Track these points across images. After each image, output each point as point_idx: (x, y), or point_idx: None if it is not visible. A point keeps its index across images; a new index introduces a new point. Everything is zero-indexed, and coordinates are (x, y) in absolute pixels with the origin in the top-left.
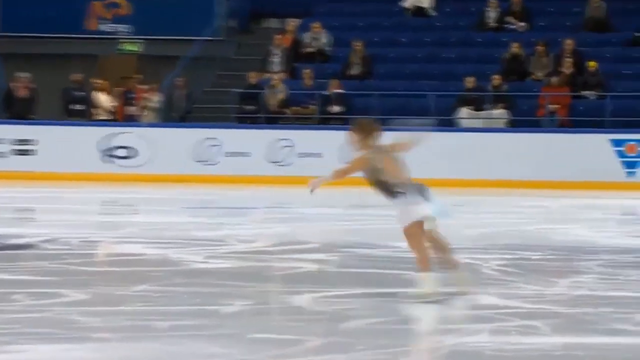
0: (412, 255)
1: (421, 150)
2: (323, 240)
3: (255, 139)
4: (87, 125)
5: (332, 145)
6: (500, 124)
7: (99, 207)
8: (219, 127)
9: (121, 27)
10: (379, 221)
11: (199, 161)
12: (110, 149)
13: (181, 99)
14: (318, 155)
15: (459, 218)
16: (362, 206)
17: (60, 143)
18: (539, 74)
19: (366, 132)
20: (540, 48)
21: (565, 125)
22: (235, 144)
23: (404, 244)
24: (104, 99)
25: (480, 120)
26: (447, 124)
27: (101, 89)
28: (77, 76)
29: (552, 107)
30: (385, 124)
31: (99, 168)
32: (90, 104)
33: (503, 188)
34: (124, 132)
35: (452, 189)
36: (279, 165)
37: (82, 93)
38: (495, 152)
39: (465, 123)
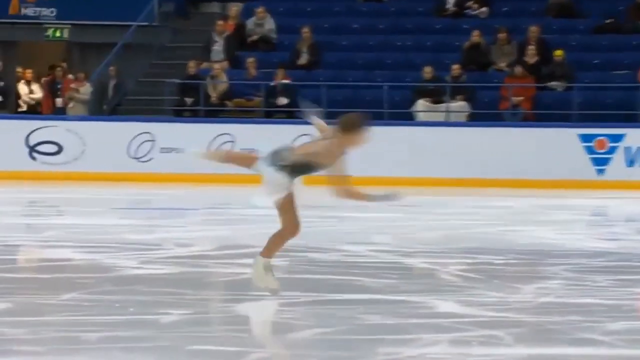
0: (363, 260)
1: (373, 145)
2: None
3: (194, 134)
4: (8, 118)
5: (276, 141)
6: (460, 117)
7: (22, 208)
8: (153, 121)
9: (47, 12)
10: (327, 223)
11: (132, 158)
12: (34, 145)
13: (112, 90)
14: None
15: (415, 220)
16: (310, 207)
17: None
18: (502, 64)
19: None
20: (502, 35)
21: (530, 119)
22: (171, 139)
23: (354, 248)
24: (27, 90)
25: (439, 114)
26: (402, 118)
27: (25, 79)
28: None
29: (515, 99)
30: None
31: (21, 165)
32: (12, 95)
33: (462, 187)
34: (49, 126)
35: (407, 188)
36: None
37: (2, 83)
38: (454, 148)
39: (422, 116)
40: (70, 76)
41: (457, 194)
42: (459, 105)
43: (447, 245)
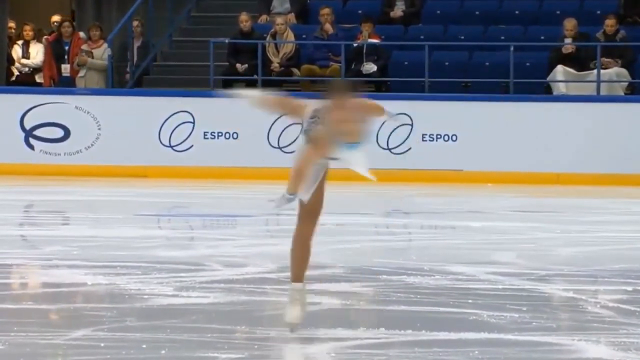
0: (480, 286)
1: (491, 129)
2: (349, 262)
3: (248, 114)
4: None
5: None
6: (616, 89)
7: (15, 215)
8: (193, 96)
9: None
10: (430, 235)
11: (165, 146)
12: (32, 128)
13: (137, 53)
14: None
15: (551, 230)
16: (405, 213)
17: None
18: None
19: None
20: None
21: None
22: (218, 120)
23: (468, 269)
24: (23, 53)
25: (586, 85)
26: (535, 90)
27: (22, 38)
28: None
29: None
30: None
31: (14, 156)
32: (2, 60)
33: (617, 186)
34: (51, 103)
35: (540, 188)
36: (284, 152)
37: None
38: (607, 132)
39: (562, 88)
40: (80, 34)
41: (609, 195)
42: (615, 73)
43: (595, 267)
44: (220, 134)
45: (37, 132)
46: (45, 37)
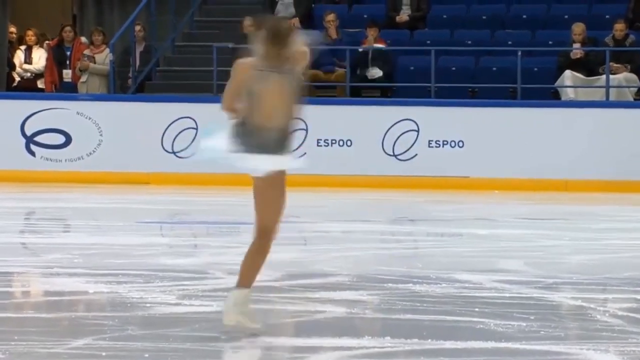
0: (487, 294)
1: (498, 135)
2: (354, 270)
3: None
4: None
5: (366, 129)
6: (625, 95)
7: (16, 222)
8: (196, 101)
9: None
10: (436, 243)
11: (167, 152)
12: (33, 135)
13: (140, 58)
14: (346, 143)
15: (558, 238)
16: (411, 220)
17: None
18: None
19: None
20: None
21: None
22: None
23: (475, 277)
24: (25, 58)
25: (594, 90)
26: (543, 96)
27: (25, 43)
28: None
29: None
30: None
31: (15, 163)
32: (3, 65)
33: (627, 192)
34: (53, 109)
35: (548, 194)
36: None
37: None
38: (616, 138)
39: (570, 94)
40: (82, 39)
41: (618, 202)
42: (624, 78)
43: (604, 275)
44: None
45: (38, 139)
46: (47, 42)
